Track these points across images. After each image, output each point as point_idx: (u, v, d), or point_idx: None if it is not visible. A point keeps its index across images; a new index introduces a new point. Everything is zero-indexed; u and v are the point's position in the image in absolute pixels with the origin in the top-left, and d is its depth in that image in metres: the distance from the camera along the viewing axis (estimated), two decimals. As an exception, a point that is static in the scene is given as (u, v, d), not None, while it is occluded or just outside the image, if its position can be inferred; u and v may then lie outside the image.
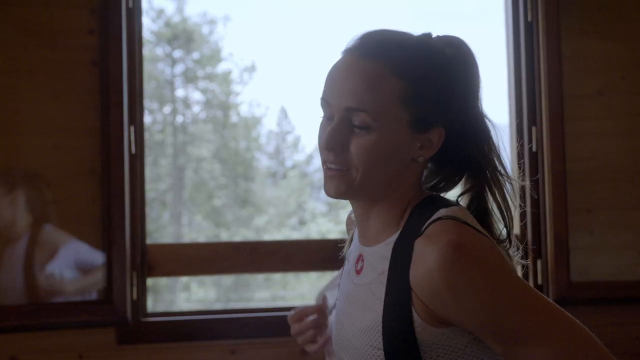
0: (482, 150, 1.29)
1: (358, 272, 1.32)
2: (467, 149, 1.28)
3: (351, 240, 1.44)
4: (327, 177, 1.27)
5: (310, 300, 14.86)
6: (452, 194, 1.35)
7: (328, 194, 1.27)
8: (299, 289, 16.35)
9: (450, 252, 1.13)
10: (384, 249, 1.26)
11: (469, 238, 1.17)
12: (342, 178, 1.25)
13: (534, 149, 3.00)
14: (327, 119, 1.27)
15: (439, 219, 1.20)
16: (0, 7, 2.80)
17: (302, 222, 18.67)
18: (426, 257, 1.16)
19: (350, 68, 1.23)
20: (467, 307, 1.14)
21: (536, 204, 3.00)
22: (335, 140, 1.23)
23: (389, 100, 1.22)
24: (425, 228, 1.20)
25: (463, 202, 1.32)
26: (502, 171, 1.30)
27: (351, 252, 1.38)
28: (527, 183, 1.37)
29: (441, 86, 1.24)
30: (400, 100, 1.22)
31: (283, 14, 26.84)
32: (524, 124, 3.03)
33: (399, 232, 1.26)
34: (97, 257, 2.80)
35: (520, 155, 3.04)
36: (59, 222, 2.83)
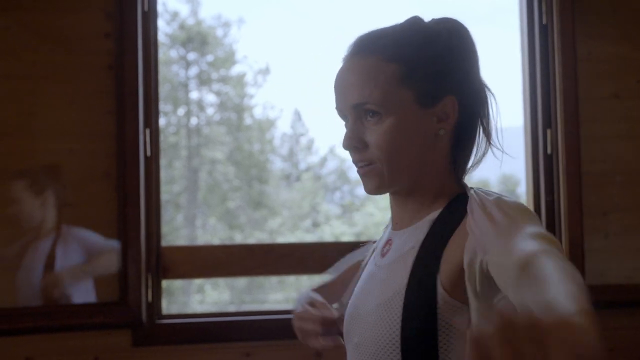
0: (485, 118, 1.33)
1: (383, 255, 1.34)
2: (477, 116, 1.31)
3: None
4: (361, 177, 1.30)
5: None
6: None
7: (367, 191, 1.30)
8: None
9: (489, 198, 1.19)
10: (420, 226, 1.28)
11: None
12: (372, 172, 1.28)
13: (549, 151, 3.00)
14: (345, 124, 1.30)
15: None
16: (16, 12, 2.82)
17: (315, 225, 18.66)
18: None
19: (348, 69, 1.28)
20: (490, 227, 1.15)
21: (551, 206, 2.99)
22: (351, 138, 1.27)
23: (388, 85, 1.24)
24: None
25: None
26: (495, 141, 1.33)
27: (378, 244, 1.41)
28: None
29: (437, 58, 1.26)
30: (399, 81, 1.25)
31: (297, 17, 26.86)
32: (539, 126, 3.02)
33: (440, 210, 1.28)
34: (104, 241, 2.83)
35: (534, 158, 3.05)
36: (74, 224, 2.85)
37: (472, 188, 1.30)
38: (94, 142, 2.82)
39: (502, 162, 1.34)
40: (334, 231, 17.98)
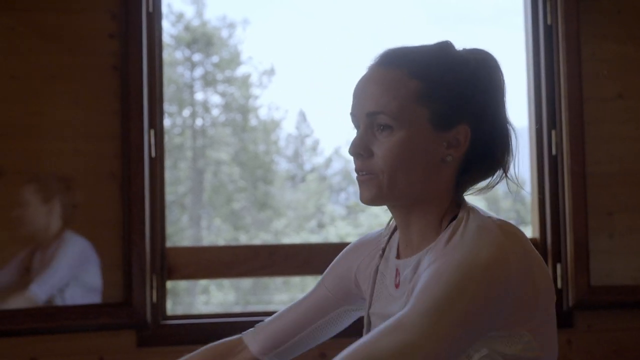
0: (503, 152, 1.30)
1: (397, 285, 1.33)
2: (492, 149, 1.30)
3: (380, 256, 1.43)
4: (359, 184, 1.30)
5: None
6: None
7: (363, 201, 1.29)
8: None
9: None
10: (423, 257, 1.27)
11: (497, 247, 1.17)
12: (371, 182, 1.27)
13: (553, 152, 2.99)
14: (356, 131, 1.30)
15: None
16: (21, 13, 2.82)
17: (321, 225, 18.66)
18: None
19: (371, 78, 1.28)
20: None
21: (556, 207, 2.99)
22: (359, 145, 1.27)
23: (406, 99, 1.24)
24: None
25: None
26: (513, 176, 1.32)
27: (387, 268, 1.38)
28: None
29: (460, 84, 1.26)
30: (418, 99, 1.24)
31: (302, 18, 26.86)
32: (543, 127, 3.02)
33: (437, 240, 1.26)
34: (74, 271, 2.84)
35: (539, 159, 3.04)
36: (80, 226, 2.85)
37: (469, 208, 1.29)
38: (99, 142, 2.83)
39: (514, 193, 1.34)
40: (339, 232, 17.97)
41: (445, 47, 1.30)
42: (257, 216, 18.23)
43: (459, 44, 1.33)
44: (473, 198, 1.36)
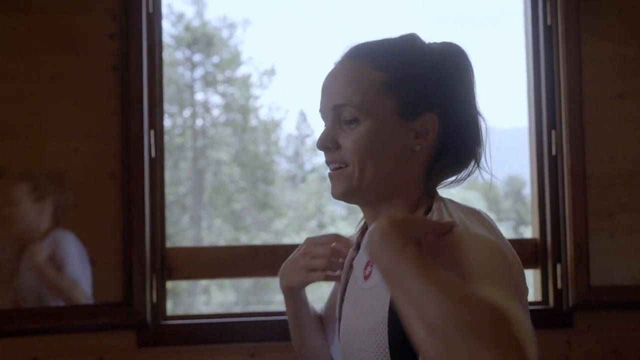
0: (473, 142, 1.30)
1: (366, 277, 1.31)
2: (463, 138, 1.29)
3: (354, 251, 1.43)
4: (330, 180, 1.30)
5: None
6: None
7: (333, 195, 1.30)
8: (317, 292, 16.33)
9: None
10: None
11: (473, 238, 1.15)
12: (341, 176, 1.28)
13: (553, 152, 2.99)
14: (324, 126, 1.31)
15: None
16: (22, 13, 2.83)
17: (321, 226, 18.68)
18: None
19: (336, 73, 1.29)
20: None
21: (556, 207, 2.99)
22: (326, 138, 1.28)
23: (371, 90, 1.24)
24: None
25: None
26: (485, 164, 1.32)
27: (357, 261, 1.38)
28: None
29: (425, 73, 1.26)
30: (383, 89, 1.25)
31: (302, 18, 26.88)
32: (543, 127, 3.02)
33: None
34: (77, 272, 2.84)
35: (539, 159, 3.04)
36: (79, 226, 2.85)
37: (442, 199, 1.28)
38: (99, 143, 2.83)
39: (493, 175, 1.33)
40: (340, 232, 17.97)
41: (410, 39, 1.30)
42: (257, 216, 18.25)
43: (462, 44, 1.33)
44: (475, 197, 1.35)
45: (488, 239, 1.15)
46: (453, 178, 1.33)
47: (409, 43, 1.29)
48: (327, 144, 1.28)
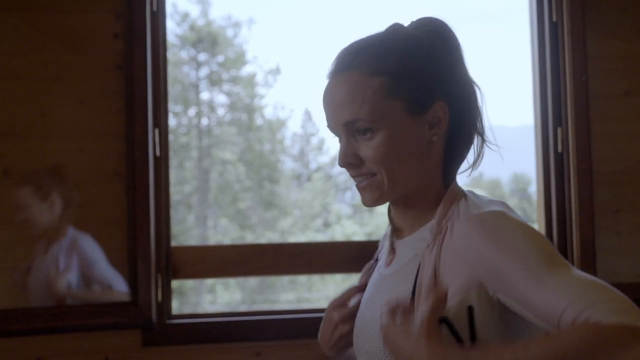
0: (474, 111, 1.31)
1: (387, 264, 1.34)
2: (468, 113, 1.31)
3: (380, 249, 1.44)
4: (360, 191, 1.30)
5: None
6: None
7: (366, 204, 1.30)
8: (324, 291, 16.36)
9: (481, 217, 1.19)
10: (422, 233, 1.28)
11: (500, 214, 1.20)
12: (371, 185, 1.27)
13: (559, 150, 2.98)
14: (339, 141, 1.31)
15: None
16: (26, 13, 2.83)
17: (326, 224, 18.68)
18: (459, 225, 1.21)
19: (334, 87, 1.27)
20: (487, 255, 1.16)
21: (562, 205, 2.98)
22: (346, 155, 1.27)
23: (376, 98, 1.24)
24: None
25: None
26: (486, 136, 1.33)
27: (382, 253, 1.40)
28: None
29: (422, 65, 1.26)
30: (387, 94, 1.24)
31: (307, 17, 26.88)
32: (549, 124, 3.01)
33: (436, 217, 1.27)
34: (109, 273, 2.85)
35: (545, 157, 3.03)
36: (84, 225, 2.86)
37: (465, 192, 1.30)
38: (103, 142, 2.83)
39: (505, 159, 1.34)
40: (345, 231, 17.99)
41: (394, 32, 1.30)
42: (263, 215, 18.25)
43: (441, 19, 1.33)
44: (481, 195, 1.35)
45: (524, 222, 1.19)
46: (467, 166, 1.34)
47: (395, 37, 1.28)
48: (349, 160, 1.27)
